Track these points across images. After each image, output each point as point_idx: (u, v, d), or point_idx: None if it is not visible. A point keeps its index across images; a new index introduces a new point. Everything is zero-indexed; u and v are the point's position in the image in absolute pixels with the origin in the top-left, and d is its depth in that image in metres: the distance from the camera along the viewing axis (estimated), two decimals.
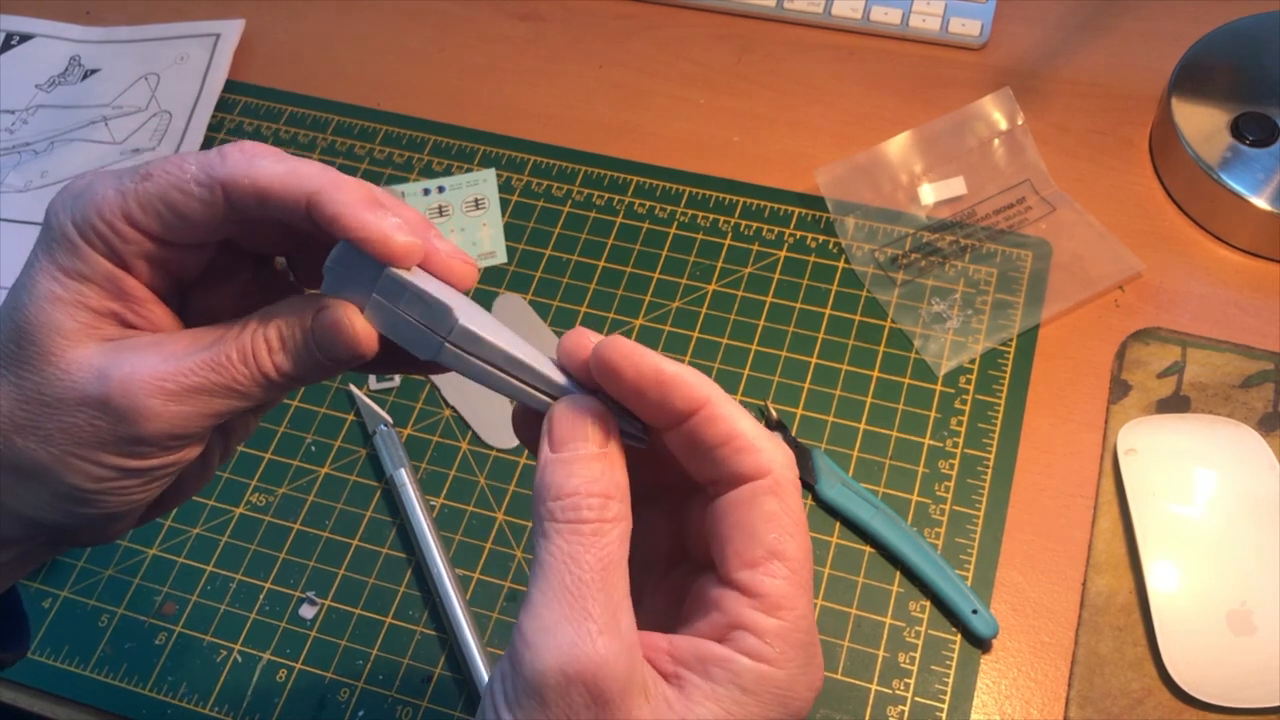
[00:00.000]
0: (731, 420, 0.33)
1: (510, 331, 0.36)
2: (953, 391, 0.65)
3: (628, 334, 0.68)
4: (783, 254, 0.71)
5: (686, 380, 0.33)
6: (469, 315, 0.35)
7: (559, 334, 0.69)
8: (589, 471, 0.33)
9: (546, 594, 0.31)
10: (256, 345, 0.35)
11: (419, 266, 0.36)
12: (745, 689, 0.31)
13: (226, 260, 0.39)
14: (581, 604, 0.30)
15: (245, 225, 0.36)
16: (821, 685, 0.33)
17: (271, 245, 0.40)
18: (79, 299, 0.35)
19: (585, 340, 0.35)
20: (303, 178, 0.34)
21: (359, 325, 0.35)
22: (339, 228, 0.34)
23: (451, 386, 0.68)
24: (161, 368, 0.34)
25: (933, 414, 0.64)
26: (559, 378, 0.35)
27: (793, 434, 0.64)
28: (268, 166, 0.35)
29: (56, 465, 0.34)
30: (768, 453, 0.33)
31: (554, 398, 0.35)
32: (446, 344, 0.35)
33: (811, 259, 0.71)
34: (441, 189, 0.76)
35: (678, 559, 0.38)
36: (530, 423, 0.36)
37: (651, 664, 0.32)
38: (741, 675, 0.31)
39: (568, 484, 0.33)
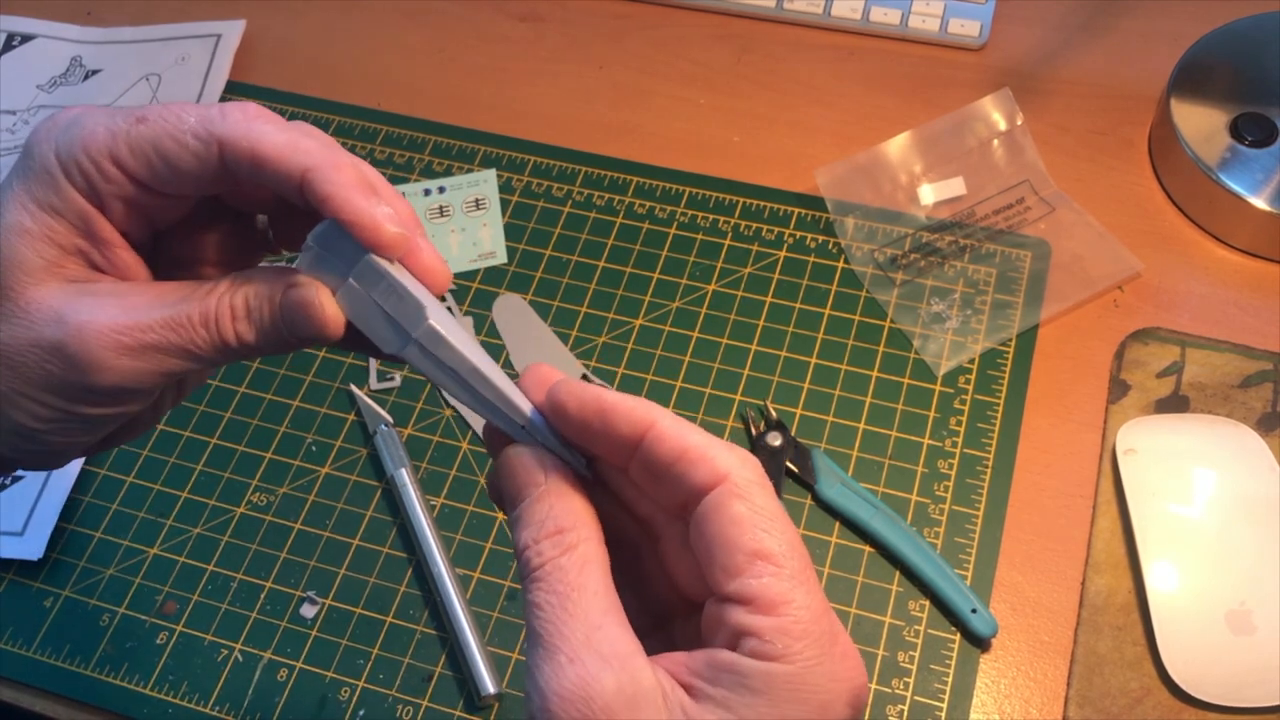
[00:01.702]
0: (679, 436, 0.33)
1: (478, 345, 0.36)
2: (952, 391, 0.65)
3: (627, 334, 0.69)
4: (782, 254, 0.71)
5: (628, 405, 0.33)
6: (439, 318, 0.35)
7: (559, 334, 0.69)
8: (535, 516, 0.33)
9: (530, 641, 0.32)
10: (221, 310, 0.35)
11: (399, 261, 0.36)
12: (754, 689, 0.30)
13: (205, 211, 0.39)
14: (551, 641, 0.31)
15: (234, 185, 0.36)
16: (857, 676, 0.32)
17: (256, 205, 0.39)
18: (48, 233, 0.34)
19: (543, 374, 0.35)
20: (301, 152, 0.34)
21: (329, 308, 0.35)
22: (331, 208, 0.34)
23: None
24: (120, 320, 0.34)
25: (932, 414, 0.64)
26: (518, 398, 0.35)
27: (793, 434, 0.64)
28: (269, 134, 0.34)
29: (2, 401, 0.34)
30: (720, 458, 0.32)
31: (509, 417, 0.35)
32: (412, 340, 0.35)
33: (811, 259, 0.71)
34: (442, 189, 0.76)
35: (688, 604, 0.37)
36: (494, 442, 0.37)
37: (673, 677, 0.32)
38: (749, 677, 0.30)
39: (520, 539, 0.33)
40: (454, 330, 0.35)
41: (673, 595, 0.36)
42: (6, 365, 0.34)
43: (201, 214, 0.39)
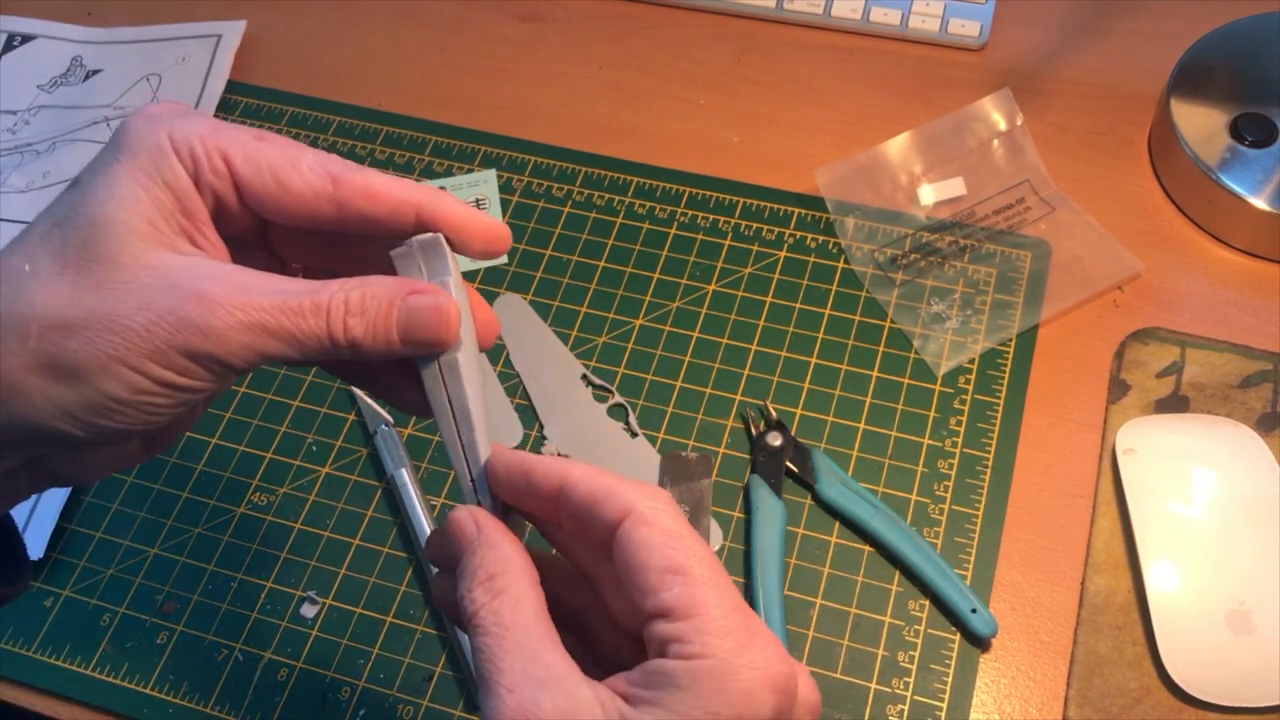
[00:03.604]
0: (589, 480, 0.36)
1: (483, 400, 0.39)
2: (952, 391, 0.65)
3: (627, 334, 0.69)
4: (782, 254, 0.71)
5: (546, 464, 0.37)
6: (467, 359, 0.38)
7: (559, 334, 0.69)
8: (470, 567, 0.36)
9: (478, 683, 0.35)
10: (335, 303, 0.36)
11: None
12: (681, 686, 0.32)
13: (250, 238, 0.40)
14: (492, 677, 0.34)
15: (319, 223, 0.38)
16: (778, 664, 0.33)
17: (295, 253, 0.42)
18: (156, 203, 0.35)
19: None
20: (412, 187, 0.38)
21: (454, 318, 0.37)
22: (454, 221, 0.39)
23: None
24: (236, 294, 0.35)
25: (932, 414, 0.64)
26: (480, 457, 0.38)
27: (793, 434, 0.64)
28: (378, 174, 0.38)
29: (98, 370, 0.34)
30: (625, 494, 0.35)
31: (469, 464, 0.39)
32: (435, 362, 0.38)
33: (811, 259, 0.71)
34: (442, 189, 0.76)
35: (633, 646, 0.39)
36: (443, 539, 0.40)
37: (615, 692, 0.34)
38: (676, 675, 0.33)
39: (458, 590, 0.36)
40: (471, 377, 0.38)
41: (619, 642, 0.39)
42: (108, 329, 0.34)
43: (246, 242, 0.40)
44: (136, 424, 0.36)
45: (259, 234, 0.41)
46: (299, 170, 0.37)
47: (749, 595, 0.59)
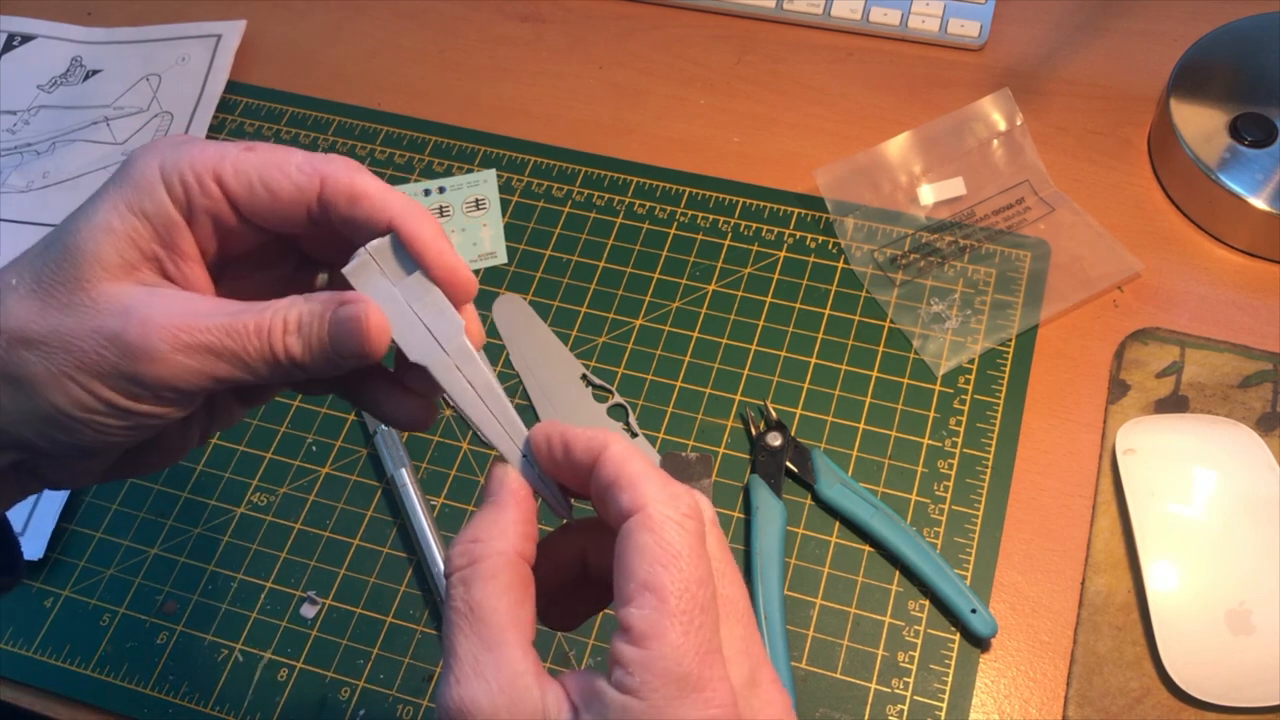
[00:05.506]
0: (620, 462, 0.34)
1: (492, 370, 0.39)
2: (952, 391, 0.65)
3: (627, 334, 0.69)
4: (782, 254, 0.71)
5: (587, 435, 0.36)
6: (471, 341, 0.39)
7: (559, 334, 0.69)
8: (465, 534, 0.35)
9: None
10: (274, 323, 0.36)
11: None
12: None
13: (271, 251, 0.41)
14: (449, 659, 0.33)
15: (315, 224, 0.39)
16: None
17: (325, 253, 0.42)
18: (131, 235, 0.37)
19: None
20: (393, 195, 0.38)
21: (374, 325, 0.37)
22: (420, 244, 0.37)
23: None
24: (181, 318, 0.36)
25: (932, 414, 0.64)
26: (520, 426, 0.38)
27: (792, 434, 0.64)
28: (366, 177, 0.38)
29: (49, 383, 0.36)
30: (646, 489, 0.33)
31: (512, 439, 0.38)
32: (446, 352, 0.38)
33: (811, 259, 0.71)
34: (442, 189, 0.76)
35: None
36: None
37: (568, 695, 0.33)
38: (608, 706, 0.31)
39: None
40: (481, 357, 0.39)
41: None
42: (63, 347, 0.35)
43: (267, 253, 0.41)
44: (90, 441, 0.37)
45: (280, 242, 0.41)
46: (286, 174, 0.37)
47: (749, 595, 0.59)
